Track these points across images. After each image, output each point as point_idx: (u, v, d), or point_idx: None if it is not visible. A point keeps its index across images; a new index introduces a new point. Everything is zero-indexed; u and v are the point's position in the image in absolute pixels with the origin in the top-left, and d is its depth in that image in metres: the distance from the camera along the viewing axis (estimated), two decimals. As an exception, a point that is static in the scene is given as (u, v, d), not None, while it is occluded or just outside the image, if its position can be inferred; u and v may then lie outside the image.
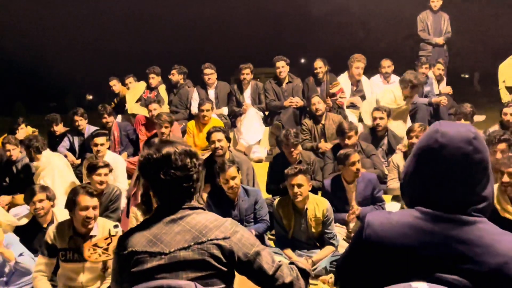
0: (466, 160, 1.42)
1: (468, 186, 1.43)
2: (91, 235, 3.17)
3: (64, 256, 3.15)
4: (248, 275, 1.80)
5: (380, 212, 1.56)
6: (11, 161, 5.47)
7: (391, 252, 1.44)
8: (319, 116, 5.91)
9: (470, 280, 1.36)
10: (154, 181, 1.79)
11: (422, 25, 8.10)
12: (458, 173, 1.42)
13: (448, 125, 1.48)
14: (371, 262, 1.49)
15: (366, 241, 1.48)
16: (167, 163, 1.74)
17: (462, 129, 1.46)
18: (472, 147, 1.42)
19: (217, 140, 4.78)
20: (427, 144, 1.48)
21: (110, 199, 4.42)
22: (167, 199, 1.80)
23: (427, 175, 1.47)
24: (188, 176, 1.78)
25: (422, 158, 1.49)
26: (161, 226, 1.74)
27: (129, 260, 1.70)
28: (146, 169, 1.79)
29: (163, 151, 1.75)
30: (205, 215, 1.79)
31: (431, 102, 6.78)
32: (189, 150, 1.81)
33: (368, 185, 4.37)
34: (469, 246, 1.37)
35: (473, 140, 1.43)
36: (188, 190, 1.80)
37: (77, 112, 6.44)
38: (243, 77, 6.95)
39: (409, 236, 1.42)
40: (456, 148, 1.42)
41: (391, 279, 1.43)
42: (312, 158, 5.02)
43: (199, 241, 1.69)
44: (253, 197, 4.24)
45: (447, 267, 1.38)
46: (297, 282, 1.81)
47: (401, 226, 1.45)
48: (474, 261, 1.36)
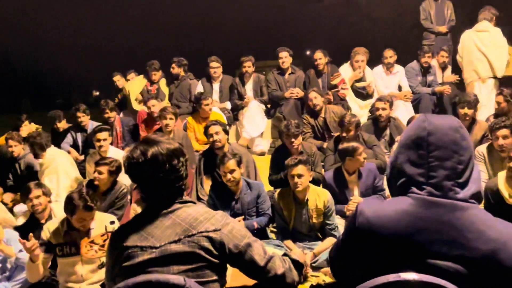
0: (454, 145, 1.45)
1: (456, 171, 1.45)
2: (88, 228, 3.19)
3: (61, 251, 3.16)
4: (239, 267, 1.79)
5: (373, 200, 1.57)
6: (14, 158, 5.51)
7: (384, 239, 1.44)
8: (318, 110, 5.89)
9: (463, 265, 1.37)
10: (142, 183, 1.79)
11: (425, 14, 8.00)
12: (446, 157, 1.45)
13: (434, 116, 1.54)
14: (364, 250, 1.50)
15: (358, 228, 1.49)
16: (155, 167, 1.72)
17: (448, 119, 1.52)
18: (459, 134, 1.47)
19: (214, 133, 4.79)
20: (415, 133, 1.51)
21: (117, 196, 4.42)
22: (157, 198, 1.79)
23: (415, 161, 1.49)
24: (177, 177, 1.77)
25: (411, 146, 1.51)
26: (152, 220, 1.75)
27: (121, 255, 1.70)
28: (133, 173, 1.77)
29: (149, 154, 1.72)
30: (196, 208, 1.79)
31: (435, 91, 6.72)
32: (175, 149, 1.78)
33: (369, 174, 4.36)
34: (461, 232, 1.38)
35: (460, 129, 1.49)
36: (178, 189, 1.80)
37: (79, 108, 6.46)
38: (245, 70, 6.94)
39: (402, 223, 1.43)
40: (444, 134, 1.47)
41: (385, 266, 1.44)
42: (313, 149, 5.02)
43: (189, 233, 1.68)
44: (256, 191, 4.24)
45: (439, 253, 1.38)
46: (289, 274, 1.81)
47: (393, 213, 1.46)
48: (466, 247, 1.37)
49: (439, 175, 1.45)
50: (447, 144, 1.46)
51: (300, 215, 4.02)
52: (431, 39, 7.93)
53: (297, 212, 4.02)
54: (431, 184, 1.45)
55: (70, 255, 3.17)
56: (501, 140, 4.37)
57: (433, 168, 1.46)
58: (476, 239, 1.37)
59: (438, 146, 1.46)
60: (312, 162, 4.78)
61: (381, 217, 1.46)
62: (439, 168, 1.45)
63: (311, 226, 4.04)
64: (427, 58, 6.92)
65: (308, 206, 3.98)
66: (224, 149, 4.73)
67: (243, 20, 22.54)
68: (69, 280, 3.19)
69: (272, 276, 1.77)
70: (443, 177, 1.45)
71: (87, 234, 3.15)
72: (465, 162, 1.46)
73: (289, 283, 1.81)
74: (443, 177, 1.45)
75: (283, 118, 6.28)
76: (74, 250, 3.16)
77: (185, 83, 7.31)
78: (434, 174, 1.45)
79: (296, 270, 1.86)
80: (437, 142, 1.47)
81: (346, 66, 6.90)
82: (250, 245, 1.76)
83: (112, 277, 1.76)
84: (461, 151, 1.46)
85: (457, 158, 1.45)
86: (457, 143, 1.46)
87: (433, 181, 1.45)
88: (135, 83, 7.64)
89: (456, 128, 1.48)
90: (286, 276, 1.80)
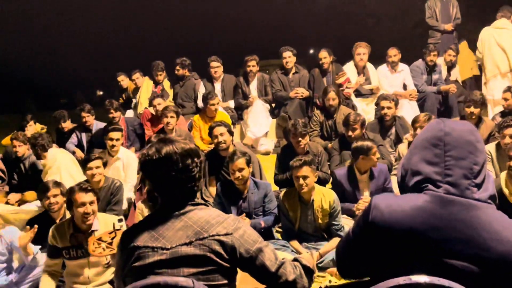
0: (470, 146, 1.47)
1: (472, 171, 1.45)
2: (92, 229, 3.19)
3: (68, 254, 3.17)
4: (250, 272, 1.78)
5: (387, 195, 1.56)
6: (19, 158, 5.52)
7: (397, 234, 1.42)
8: (333, 111, 5.85)
9: (477, 265, 1.36)
10: (156, 181, 1.78)
11: (430, 12, 7.96)
12: (462, 156, 1.46)
13: (449, 120, 1.57)
14: (375, 245, 1.48)
15: (371, 223, 1.47)
16: (168, 165, 1.72)
17: (463, 123, 1.56)
18: (474, 136, 1.49)
19: (219, 135, 4.78)
20: (432, 134, 1.52)
21: (111, 192, 4.42)
22: (170, 198, 1.79)
23: (432, 160, 1.49)
24: (190, 177, 1.76)
25: (427, 146, 1.51)
26: (164, 221, 1.74)
27: (131, 255, 1.70)
28: (147, 170, 1.77)
29: (163, 151, 1.72)
30: (208, 211, 1.78)
31: (440, 90, 6.69)
32: (190, 149, 1.77)
33: (380, 175, 4.33)
34: (477, 231, 1.37)
35: (475, 132, 1.52)
36: (191, 190, 1.79)
37: (84, 108, 6.47)
38: (249, 69, 6.91)
39: (417, 219, 1.41)
40: (460, 135, 1.48)
41: (396, 263, 1.44)
42: (319, 149, 5.00)
43: (201, 236, 1.68)
44: (263, 190, 4.23)
45: (454, 252, 1.37)
46: (300, 280, 1.80)
47: (409, 208, 1.44)
48: (482, 247, 1.36)
49: (455, 173, 1.44)
50: (463, 144, 1.47)
51: (305, 216, 4.00)
52: (437, 37, 7.89)
53: (303, 212, 4.01)
54: (447, 182, 1.45)
55: (77, 257, 3.17)
56: (508, 139, 4.35)
57: (449, 166, 1.46)
58: (492, 239, 1.36)
59: (455, 146, 1.47)
60: (319, 162, 4.76)
61: (396, 212, 1.44)
62: (456, 166, 1.45)
63: (316, 227, 4.02)
64: (433, 56, 6.87)
65: (314, 207, 3.97)
66: (229, 150, 4.71)
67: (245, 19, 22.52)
68: (76, 281, 3.20)
69: (283, 282, 1.76)
70: (459, 176, 1.44)
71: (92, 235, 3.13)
72: (480, 163, 1.47)
73: None
74: (460, 175, 1.44)
75: (287, 117, 6.26)
76: (81, 253, 3.16)
77: (189, 82, 7.31)
78: (451, 172, 1.45)
79: (306, 276, 1.84)
80: (453, 142, 1.48)
81: (351, 64, 6.87)
82: (261, 250, 1.75)
83: (122, 276, 1.75)
84: (476, 153, 1.47)
85: (473, 158, 1.46)
86: (473, 144, 1.48)
87: (450, 179, 1.45)
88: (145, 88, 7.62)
89: (471, 131, 1.51)
90: (297, 282, 1.79)
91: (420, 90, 6.75)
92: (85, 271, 3.18)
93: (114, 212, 4.33)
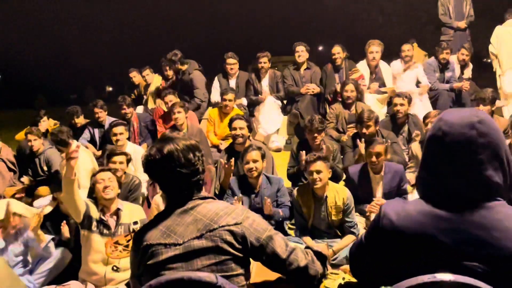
0: (471, 144, 1.40)
1: (476, 172, 1.40)
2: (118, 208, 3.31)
3: (97, 227, 3.23)
4: (262, 260, 1.80)
5: (396, 202, 1.55)
6: (34, 153, 5.56)
7: (408, 240, 1.42)
8: (349, 104, 5.85)
9: (490, 265, 1.34)
10: (161, 180, 1.83)
11: (443, 9, 7.90)
12: (464, 159, 1.41)
13: (452, 112, 1.48)
14: (387, 250, 1.48)
15: (382, 230, 1.48)
16: (171, 162, 1.76)
17: (466, 114, 1.44)
18: (475, 131, 1.40)
19: (239, 128, 4.83)
20: (432, 133, 1.49)
21: (130, 189, 4.45)
22: (176, 194, 1.82)
23: (434, 164, 1.47)
24: (194, 171, 1.80)
25: (429, 148, 1.50)
26: (174, 218, 1.77)
27: (145, 253, 1.73)
28: (151, 170, 1.81)
29: (165, 150, 1.76)
30: (216, 204, 1.82)
31: (453, 88, 6.64)
32: (190, 145, 1.81)
33: (395, 176, 4.29)
34: (488, 231, 1.35)
35: (477, 124, 1.41)
36: (196, 183, 1.82)
37: (97, 104, 6.51)
38: (261, 65, 6.91)
39: (426, 224, 1.41)
40: (459, 134, 1.41)
41: (409, 267, 1.42)
42: (335, 146, 5.01)
43: (211, 228, 1.71)
44: (276, 185, 4.26)
45: (466, 253, 1.36)
46: (312, 266, 1.82)
47: (416, 213, 1.44)
48: (494, 246, 1.34)
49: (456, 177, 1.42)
50: (462, 145, 1.41)
51: (319, 212, 4.00)
52: (450, 35, 7.84)
53: (316, 209, 4.01)
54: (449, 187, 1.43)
55: (104, 235, 3.22)
56: None
57: (449, 170, 1.43)
58: (504, 238, 1.33)
59: (453, 148, 1.42)
60: (333, 158, 4.76)
61: (404, 218, 1.45)
62: (455, 169, 1.42)
63: (330, 223, 4.02)
64: (445, 54, 6.82)
65: (327, 203, 3.97)
66: (245, 145, 4.73)
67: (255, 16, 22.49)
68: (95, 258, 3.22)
69: (295, 268, 1.78)
70: (461, 179, 1.41)
71: (117, 214, 3.24)
72: (483, 161, 1.40)
73: (312, 275, 1.82)
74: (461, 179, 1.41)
75: (299, 114, 6.25)
76: (107, 231, 3.21)
77: (185, 78, 7.09)
78: (452, 176, 1.42)
79: (319, 262, 1.86)
80: (451, 143, 1.42)
81: (363, 63, 6.83)
82: (271, 238, 1.77)
83: (137, 275, 1.78)
84: (478, 151, 1.40)
85: (473, 157, 1.40)
86: (473, 141, 1.40)
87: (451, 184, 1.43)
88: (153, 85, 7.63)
89: (473, 124, 1.40)
90: (309, 267, 1.81)
91: (433, 87, 6.71)
92: (107, 249, 3.21)
93: None
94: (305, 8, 21.38)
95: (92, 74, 23.00)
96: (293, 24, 20.67)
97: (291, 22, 21.15)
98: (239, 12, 22.41)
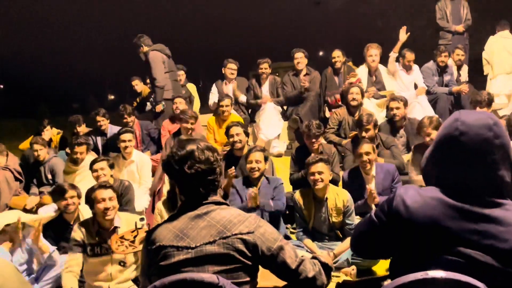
0: (487, 145, 1.46)
1: (490, 171, 1.47)
2: (115, 226, 3.32)
3: (92, 251, 3.27)
4: (271, 269, 1.85)
5: (411, 186, 1.60)
6: (39, 162, 5.63)
7: (418, 222, 1.48)
8: (354, 107, 5.86)
9: (493, 256, 1.40)
10: (179, 177, 1.86)
11: (441, 13, 7.94)
12: (480, 158, 1.47)
13: (468, 113, 1.53)
14: (395, 231, 1.54)
15: (395, 210, 1.53)
16: (191, 158, 1.82)
17: (482, 116, 1.51)
18: (492, 132, 1.46)
19: (235, 134, 4.93)
20: (448, 132, 1.53)
21: (121, 192, 4.46)
22: (192, 194, 1.86)
23: (450, 162, 1.52)
24: (212, 169, 1.86)
25: (444, 146, 1.54)
26: (187, 221, 1.80)
27: (157, 254, 1.76)
28: (171, 166, 1.86)
29: (187, 147, 1.84)
30: (229, 211, 1.85)
31: (452, 91, 6.67)
32: (211, 146, 1.90)
33: (387, 175, 4.37)
34: (494, 224, 1.42)
35: (493, 126, 1.47)
36: (212, 183, 1.87)
37: (99, 112, 6.55)
38: (261, 71, 7.00)
39: (436, 208, 1.47)
40: (476, 134, 1.47)
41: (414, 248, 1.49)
42: (333, 150, 5.07)
43: (224, 235, 1.74)
44: (273, 183, 4.36)
45: (470, 242, 1.42)
46: (319, 277, 1.86)
47: (429, 198, 1.50)
48: (498, 238, 1.40)
49: (471, 175, 1.48)
50: (480, 144, 1.47)
51: (319, 214, 4.06)
52: (448, 39, 7.87)
53: (317, 211, 4.06)
54: (463, 184, 1.49)
55: (101, 254, 3.27)
56: None
57: (465, 168, 1.48)
58: (508, 232, 1.40)
59: (470, 147, 1.47)
60: (331, 163, 4.80)
61: (417, 202, 1.51)
62: (471, 168, 1.47)
63: (331, 226, 4.07)
64: (444, 57, 6.86)
65: (328, 205, 4.02)
66: (243, 150, 4.80)
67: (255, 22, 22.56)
68: (97, 279, 3.28)
69: (303, 278, 1.82)
70: (475, 177, 1.47)
71: (115, 233, 3.25)
72: (498, 161, 1.47)
73: (318, 286, 1.87)
74: (476, 177, 1.47)
75: (299, 119, 6.30)
76: (105, 250, 3.26)
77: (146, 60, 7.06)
78: (466, 174, 1.48)
79: (324, 273, 1.91)
80: (469, 142, 1.47)
81: (363, 67, 6.87)
82: (282, 248, 1.82)
83: (147, 274, 1.82)
84: (494, 151, 1.46)
85: (489, 157, 1.46)
86: (491, 142, 1.46)
87: (465, 181, 1.48)
88: None
89: (490, 126, 1.47)
90: (317, 279, 1.85)
91: (432, 91, 6.74)
92: (107, 268, 3.27)
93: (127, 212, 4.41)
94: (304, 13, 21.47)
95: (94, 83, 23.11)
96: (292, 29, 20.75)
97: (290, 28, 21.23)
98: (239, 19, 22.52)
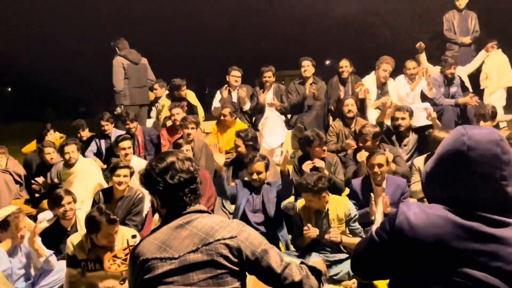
0: (496, 160, 1.42)
1: (499, 187, 1.41)
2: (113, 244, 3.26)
3: (86, 266, 3.25)
4: (256, 274, 1.82)
5: (415, 203, 1.55)
6: (47, 165, 5.61)
7: (422, 241, 1.42)
8: (350, 118, 5.85)
9: (500, 278, 1.35)
10: (161, 189, 1.84)
11: (448, 25, 7.92)
12: (488, 174, 1.42)
13: (473, 128, 1.49)
14: (398, 249, 1.47)
15: (398, 228, 1.47)
16: (173, 169, 1.83)
17: (488, 131, 1.47)
18: (500, 148, 1.43)
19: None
20: (454, 146, 1.47)
21: (133, 202, 4.48)
22: (174, 205, 1.85)
23: (457, 178, 1.46)
24: (193, 178, 1.87)
25: (450, 161, 1.48)
26: (170, 232, 1.80)
27: (142, 268, 1.75)
28: (152, 179, 1.85)
29: (167, 159, 1.85)
30: (212, 218, 1.84)
31: (458, 103, 6.61)
32: (189, 156, 1.94)
33: (397, 189, 4.30)
34: (502, 245, 1.37)
35: (500, 142, 1.44)
36: (194, 192, 1.87)
37: (103, 117, 6.57)
38: (265, 79, 7.02)
39: (442, 227, 1.41)
40: (484, 149, 1.42)
41: (417, 268, 1.43)
42: (335, 159, 5.06)
43: (207, 242, 1.73)
44: (274, 185, 4.36)
45: (478, 263, 1.37)
46: (307, 281, 1.82)
47: (434, 216, 1.44)
48: (506, 260, 1.35)
49: (478, 190, 1.42)
50: (488, 160, 1.42)
51: (320, 226, 4.00)
52: (455, 50, 7.84)
53: (318, 222, 4.00)
54: (470, 199, 1.43)
55: (95, 270, 3.24)
56: None
57: (472, 183, 1.43)
58: None
59: (478, 162, 1.42)
60: (334, 171, 4.80)
61: (421, 219, 1.45)
62: (479, 183, 1.42)
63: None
64: (452, 69, 6.79)
65: (329, 216, 3.96)
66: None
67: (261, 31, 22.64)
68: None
69: (289, 283, 1.79)
70: (483, 193, 1.42)
71: (111, 250, 3.21)
72: (506, 177, 1.41)
73: None
74: (483, 192, 1.42)
75: (304, 128, 6.27)
76: (99, 266, 3.23)
77: None
78: (474, 189, 1.42)
79: (314, 277, 1.86)
80: (477, 157, 1.42)
81: (371, 76, 6.83)
82: (266, 252, 1.79)
83: None
84: (503, 166, 1.41)
85: (497, 173, 1.41)
86: (499, 158, 1.42)
87: (473, 197, 1.43)
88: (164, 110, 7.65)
89: (497, 142, 1.43)
90: (304, 283, 1.81)
91: (438, 102, 6.67)
92: (102, 282, 3.23)
93: (133, 222, 4.38)
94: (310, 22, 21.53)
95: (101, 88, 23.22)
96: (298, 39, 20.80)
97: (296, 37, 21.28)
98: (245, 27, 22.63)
